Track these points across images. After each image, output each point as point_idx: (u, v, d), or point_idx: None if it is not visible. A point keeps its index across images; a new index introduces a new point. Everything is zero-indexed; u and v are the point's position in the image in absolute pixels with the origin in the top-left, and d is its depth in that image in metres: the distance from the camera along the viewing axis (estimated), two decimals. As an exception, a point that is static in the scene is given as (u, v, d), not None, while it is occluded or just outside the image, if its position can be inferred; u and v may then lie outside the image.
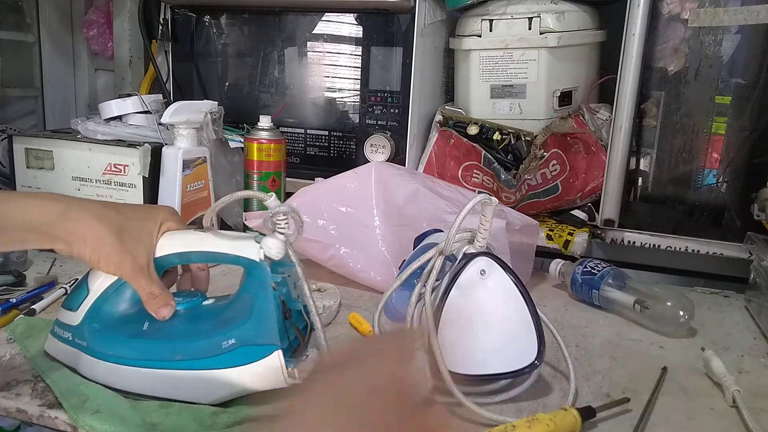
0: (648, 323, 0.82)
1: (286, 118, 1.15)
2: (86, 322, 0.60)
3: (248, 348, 0.56)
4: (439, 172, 1.08)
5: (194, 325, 0.59)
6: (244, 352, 0.56)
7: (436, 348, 0.58)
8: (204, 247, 0.60)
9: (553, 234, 1.01)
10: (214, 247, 0.59)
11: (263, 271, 0.57)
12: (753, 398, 0.64)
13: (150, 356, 0.58)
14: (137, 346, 0.58)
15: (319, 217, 0.91)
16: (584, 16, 1.05)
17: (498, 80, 1.07)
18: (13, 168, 1.03)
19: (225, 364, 0.56)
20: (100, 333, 0.59)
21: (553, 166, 1.06)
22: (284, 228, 0.57)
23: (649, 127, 0.97)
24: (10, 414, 0.57)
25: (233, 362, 0.56)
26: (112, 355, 0.59)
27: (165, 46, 1.22)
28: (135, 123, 1.09)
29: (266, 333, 0.55)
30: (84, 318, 0.60)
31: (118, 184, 0.98)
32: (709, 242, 0.97)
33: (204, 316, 0.61)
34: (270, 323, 0.55)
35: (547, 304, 0.91)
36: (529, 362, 0.61)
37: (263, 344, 0.55)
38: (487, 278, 0.62)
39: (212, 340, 0.57)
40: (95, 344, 0.59)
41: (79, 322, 0.60)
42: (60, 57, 1.44)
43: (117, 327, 0.59)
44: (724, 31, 0.91)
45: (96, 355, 0.59)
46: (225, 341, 0.56)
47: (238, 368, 0.56)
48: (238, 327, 0.56)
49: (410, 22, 1.03)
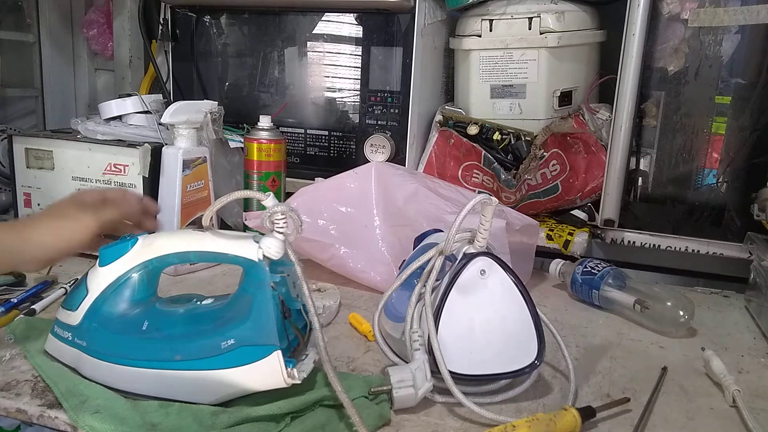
0: (648, 323, 0.82)
1: (286, 118, 1.14)
2: (86, 321, 0.60)
3: (247, 348, 0.56)
4: (439, 172, 1.08)
5: (193, 326, 0.59)
6: (244, 353, 0.56)
7: (436, 348, 0.58)
8: (203, 247, 0.60)
9: (553, 234, 1.01)
10: (213, 246, 0.59)
11: (262, 271, 0.57)
12: (753, 398, 0.64)
13: (149, 356, 0.58)
14: (137, 346, 0.58)
15: (319, 217, 0.91)
16: (584, 16, 1.05)
17: (498, 80, 1.07)
18: (13, 168, 1.03)
19: (224, 364, 0.56)
20: (100, 333, 0.59)
21: (553, 166, 1.06)
22: (283, 227, 0.57)
23: (649, 127, 0.97)
24: (10, 414, 0.57)
25: (232, 363, 0.56)
26: (112, 355, 0.59)
27: (165, 46, 1.22)
28: (135, 123, 1.09)
29: (265, 333, 0.55)
30: (83, 318, 0.60)
31: (118, 184, 0.98)
32: (709, 242, 0.97)
33: (203, 316, 0.61)
34: (269, 323, 0.55)
35: (547, 304, 0.91)
36: (529, 362, 0.61)
37: (262, 344, 0.55)
38: (487, 278, 0.62)
39: (211, 340, 0.56)
40: (95, 344, 0.59)
41: (78, 321, 0.60)
42: (60, 57, 1.44)
43: (116, 327, 0.60)
44: (724, 31, 0.91)
45: (96, 355, 0.59)
46: (224, 341, 0.56)
47: (238, 369, 0.56)
48: (237, 327, 0.56)
49: (410, 22, 1.03)
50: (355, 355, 0.71)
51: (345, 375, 0.64)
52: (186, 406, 0.56)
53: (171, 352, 0.57)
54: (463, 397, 0.57)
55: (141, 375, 0.58)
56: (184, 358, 0.57)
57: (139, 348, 0.58)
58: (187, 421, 0.54)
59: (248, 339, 0.56)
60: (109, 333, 0.59)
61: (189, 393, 0.57)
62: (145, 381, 0.58)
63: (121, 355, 0.58)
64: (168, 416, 0.55)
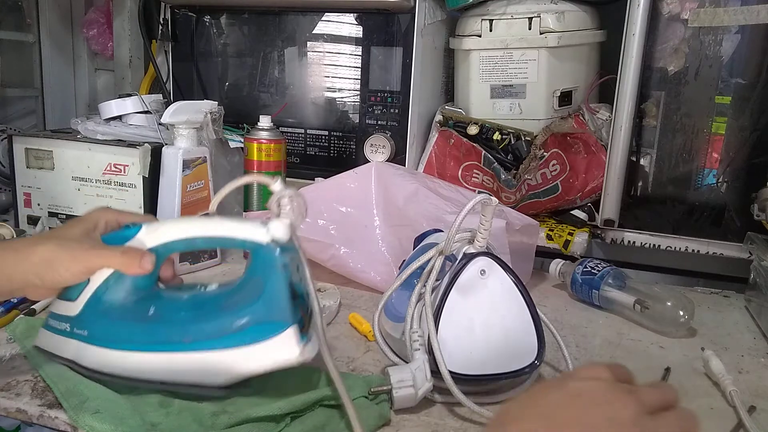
0: (648, 323, 0.82)
1: (286, 118, 1.15)
2: (87, 310, 0.58)
3: (261, 326, 0.55)
4: (439, 172, 1.08)
5: (202, 309, 0.59)
6: (257, 330, 0.55)
7: (436, 348, 0.58)
8: (210, 232, 0.59)
9: (553, 234, 1.01)
10: (221, 231, 0.59)
11: (272, 253, 0.56)
12: (753, 398, 0.64)
13: (157, 340, 0.57)
14: (145, 331, 0.57)
15: (319, 217, 0.91)
16: (584, 16, 1.05)
17: (498, 80, 1.07)
18: (13, 168, 1.04)
19: (237, 342, 0.55)
20: (103, 320, 0.58)
21: (553, 166, 1.06)
22: (289, 212, 0.57)
23: (649, 127, 0.97)
24: (10, 414, 0.57)
25: (245, 340, 0.55)
26: (117, 342, 0.57)
27: (165, 46, 1.22)
28: (135, 123, 1.09)
29: (279, 311, 0.55)
30: (84, 307, 0.58)
31: (118, 184, 0.98)
32: (709, 242, 0.97)
33: (211, 300, 0.60)
34: (282, 301, 0.55)
35: (547, 304, 0.91)
36: (529, 362, 0.61)
37: (276, 321, 0.55)
38: (487, 278, 0.62)
39: (223, 320, 0.56)
40: (98, 332, 0.58)
41: (78, 311, 0.58)
42: (60, 57, 1.44)
43: (121, 314, 0.58)
44: (724, 31, 0.91)
45: (99, 343, 0.58)
46: (237, 320, 0.55)
47: (251, 346, 0.55)
48: (250, 306, 0.56)
49: (410, 22, 1.03)
50: (355, 355, 0.71)
51: (345, 375, 0.64)
52: (186, 405, 0.56)
53: (181, 333, 0.56)
54: (463, 397, 0.57)
55: (148, 360, 0.57)
56: (194, 339, 0.56)
57: (146, 332, 0.57)
58: (187, 421, 0.54)
59: (262, 317, 0.55)
60: (112, 320, 0.58)
61: (200, 375, 0.56)
62: (153, 366, 0.57)
63: (127, 340, 0.57)
64: (168, 416, 0.55)
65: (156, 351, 0.57)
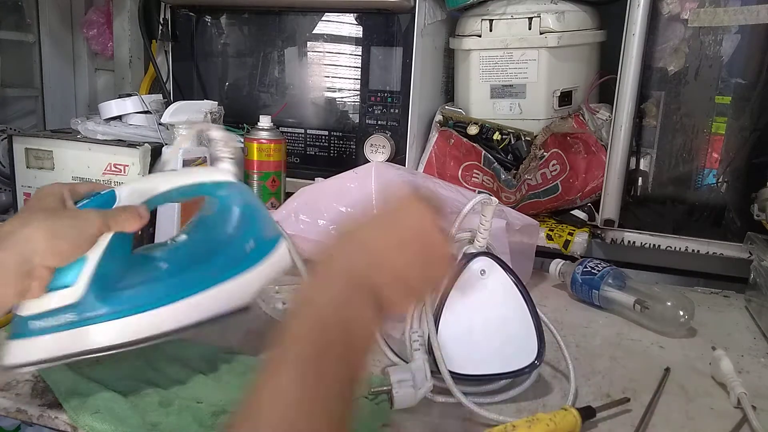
0: (648, 323, 0.82)
1: (286, 118, 1.14)
2: (93, 290, 0.55)
3: (263, 243, 0.63)
4: (439, 172, 1.08)
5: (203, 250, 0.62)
6: (262, 248, 0.63)
7: (436, 348, 0.58)
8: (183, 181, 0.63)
9: (553, 234, 1.01)
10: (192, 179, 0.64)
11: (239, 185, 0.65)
12: (753, 398, 0.64)
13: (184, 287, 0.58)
14: (167, 285, 0.58)
15: (319, 217, 0.91)
16: (584, 16, 1.05)
17: (498, 80, 1.07)
18: (13, 168, 1.03)
19: (251, 263, 0.61)
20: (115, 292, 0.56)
21: (553, 166, 1.06)
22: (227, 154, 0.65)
23: (649, 127, 0.97)
24: (10, 414, 0.57)
25: (256, 260, 0.62)
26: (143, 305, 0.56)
27: (165, 46, 1.22)
28: (135, 123, 1.09)
29: (270, 226, 0.65)
30: (89, 287, 0.54)
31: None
32: (709, 242, 0.97)
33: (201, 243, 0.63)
34: (269, 218, 0.65)
35: (547, 304, 0.91)
36: (529, 362, 0.61)
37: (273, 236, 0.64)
38: (487, 278, 0.62)
39: (235, 248, 0.62)
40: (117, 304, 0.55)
41: (82, 294, 0.54)
42: (60, 57, 1.44)
43: (133, 279, 0.57)
44: (724, 31, 0.91)
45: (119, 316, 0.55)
46: (246, 244, 0.62)
47: (261, 263, 0.62)
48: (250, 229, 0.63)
49: (410, 22, 1.03)
50: (355, 355, 0.70)
51: (345, 375, 0.64)
52: (186, 405, 0.57)
53: (202, 275, 0.59)
54: (463, 397, 0.57)
55: (175, 311, 0.57)
56: (215, 275, 0.60)
57: (169, 286, 0.58)
58: (187, 421, 0.54)
59: (262, 235, 0.63)
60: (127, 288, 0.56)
61: (227, 303, 0.60)
62: (183, 313, 0.58)
63: (153, 300, 0.57)
64: (168, 416, 0.55)
65: (184, 298, 0.58)
